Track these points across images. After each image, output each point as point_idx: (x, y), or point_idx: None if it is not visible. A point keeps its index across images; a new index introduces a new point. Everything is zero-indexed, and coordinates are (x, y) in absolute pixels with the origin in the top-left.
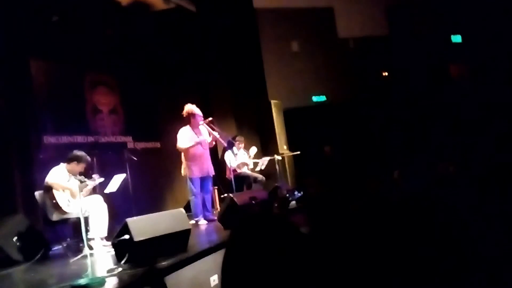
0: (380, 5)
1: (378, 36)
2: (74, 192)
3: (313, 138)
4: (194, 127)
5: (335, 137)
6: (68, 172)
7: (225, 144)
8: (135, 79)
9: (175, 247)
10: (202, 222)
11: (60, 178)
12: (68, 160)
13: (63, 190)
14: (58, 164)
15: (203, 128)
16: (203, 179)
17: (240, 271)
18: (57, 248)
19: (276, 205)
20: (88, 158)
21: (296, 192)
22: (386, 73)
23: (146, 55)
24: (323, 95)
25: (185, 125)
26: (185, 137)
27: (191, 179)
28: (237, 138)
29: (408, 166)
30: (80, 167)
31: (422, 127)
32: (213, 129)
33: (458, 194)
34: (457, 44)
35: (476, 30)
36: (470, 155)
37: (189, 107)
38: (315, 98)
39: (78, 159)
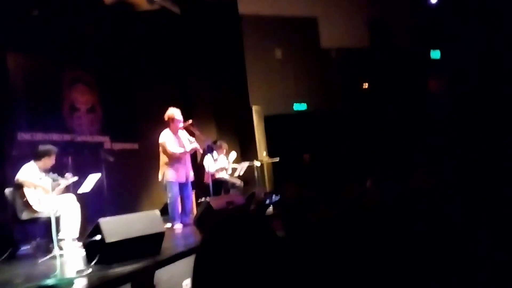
0: (362, 17)
1: (359, 47)
2: (46, 189)
3: (292, 146)
4: (174, 132)
5: (315, 145)
6: (40, 169)
7: (201, 151)
8: (115, 78)
9: (148, 250)
10: (178, 226)
11: (31, 175)
12: (37, 157)
13: (35, 188)
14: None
15: (182, 133)
16: (182, 184)
17: (211, 272)
18: (26, 248)
19: (252, 207)
20: (56, 148)
21: (273, 196)
22: (366, 84)
23: (128, 55)
24: (304, 103)
25: (164, 128)
26: (171, 142)
27: (170, 183)
28: (220, 143)
29: (382, 175)
30: (52, 159)
31: (398, 137)
32: (193, 132)
33: (430, 203)
34: (436, 59)
35: (455, 46)
36: (443, 166)
37: (170, 111)
38: (296, 106)
39: (47, 153)
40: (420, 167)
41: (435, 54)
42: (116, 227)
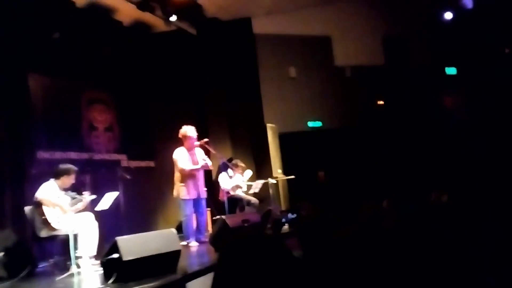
0: (376, 35)
1: (374, 64)
2: (64, 208)
3: (307, 163)
4: (189, 149)
5: (330, 163)
6: (59, 187)
7: (211, 168)
8: (132, 98)
9: (164, 268)
10: (193, 244)
11: (51, 194)
12: (57, 176)
13: (53, 207)
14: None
15: (198, 150)
16: (196, 201)
17: None
18: (44, 265)
19: (269, 226)
20: (75, 168)
21: (289, 214)
22: (382, 102)
23: (145, 74)
24: (318, 120)
25: (179, 146)
26: (183, 158)
27: (183, 201)
28: (236, 162)
29: (399, 194)
30: (71, 178)
31: (414, 156)
32: (209, 151)
33: (450, 222)
34: (451, 76)
35: (470, 63)
36: (462, 185)
37: (184, 129)
38: (310, 124)
39: (66, 172)
40: (437, 186)
41: (451, 71)
42: (133, 245)
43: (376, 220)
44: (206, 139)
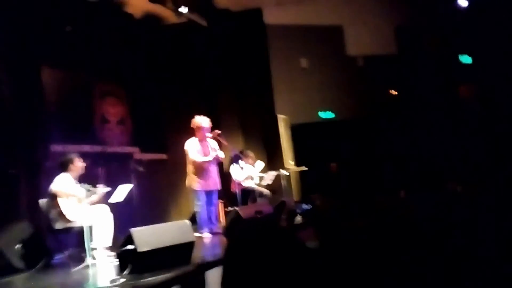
0: (389, 24)
1: (387, 54)
2: (79, 198)
3: (319, 154)
4: (200, 140)
5: (342, 154)
6: (73, 178)
7: (221, 160)
8: (144, 90)
9: (178, 259)
10: (207, 235)
11: (65, 185)
12: (64, 168)
13: (67, 198)
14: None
15: (211, 141)
16: (208, 192)
17: (238, 281)
18: (59, 257)
19: (283, 217)
20: (76, 154)
21: (304, 205)
22: (395, 92)
23: (156, 67)
24: (331, 111)
25: (192, 136)
26: (194, 149)
27: (196, 191)
28: (247, 153)
29: (415, 185)
30: (79, 163)
31: (429, 147)
32: (221, 142)
33: (467, 212)
34: (467, 64)
35: (486, 51)
36: (476, 175)
37: (196, 120)
38: (322, 115)
39: (70, 161)
40: (454, 176)
41: (466, 59)
42: (147, 236)
43: (393, 210)
44: (218, 131)
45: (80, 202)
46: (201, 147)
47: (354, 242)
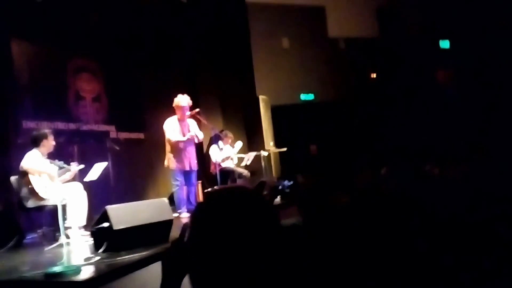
0: (371, 7)
1: (367, 36)
2: (51, 176)
3: (299, 136)
4: (180, 119)
5: (322, 136)
6: (43, 154)
7: (196, 140)
8: (120, 67)
9: (156, 238)
10: (185, 215)
11: (36, 162)
12: (36, 143)
13: (39, 175)
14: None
15: (191, 121)
16: (186, 172)
17: (205, 234)
18: (32, 236)
19: (265, 193)
20: (50, 130)
21: (286, 181)
22: (375, 74)
23: (134, 44)
24: (311, 93)
25: (172, 115)
26: (171, 128)
27: (173, 171)
28: (226, 134)
29: (394, 164)
30: (50, 141)
31: (407, 128)
32: (200, 122)
33: (439, 194)
34: (445, 50)
35: (465, 36)
36: (451, 159)
37: (177, 99)
38: (303, 96)
39: (43, 136)
40: (431, 158)
41: (445, 44)
42: (124, 214)
43: (376, 186)
44: (197, 109)
45: (52, 179)
46: (180, 127)
47: (337, 218)
